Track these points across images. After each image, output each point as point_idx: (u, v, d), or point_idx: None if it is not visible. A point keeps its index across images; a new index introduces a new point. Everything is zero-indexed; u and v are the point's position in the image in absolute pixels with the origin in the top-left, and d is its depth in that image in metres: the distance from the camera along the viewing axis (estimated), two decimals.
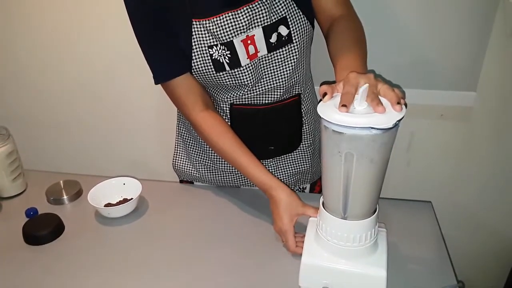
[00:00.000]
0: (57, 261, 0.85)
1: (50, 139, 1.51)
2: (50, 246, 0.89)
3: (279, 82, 0.87)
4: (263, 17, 0.78)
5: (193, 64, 0.81)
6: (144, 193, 1.01)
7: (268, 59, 0.83)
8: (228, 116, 0.92)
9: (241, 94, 0.87)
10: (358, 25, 0.81)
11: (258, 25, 0.79)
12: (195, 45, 0.79)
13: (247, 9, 0.77)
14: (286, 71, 0.85)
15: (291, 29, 0.81)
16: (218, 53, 0.80)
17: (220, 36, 0.78)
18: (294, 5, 0.80)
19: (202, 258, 0.84)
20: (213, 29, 0.77)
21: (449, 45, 1.07)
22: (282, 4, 0.79)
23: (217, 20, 0.77)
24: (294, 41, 0.82)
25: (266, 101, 0.89)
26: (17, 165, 1.08)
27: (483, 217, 1.29)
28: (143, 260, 0.84)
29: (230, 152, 0.85)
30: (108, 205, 0.99)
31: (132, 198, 0.97)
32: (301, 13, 0.81)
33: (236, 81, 0.84)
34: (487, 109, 1.14)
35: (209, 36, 0.78)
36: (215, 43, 0.79)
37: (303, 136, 0.98)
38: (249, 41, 0.80)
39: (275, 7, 0.79)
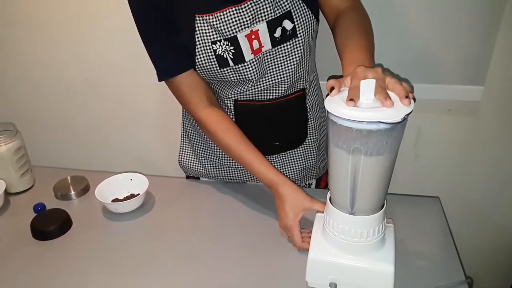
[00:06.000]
0: (65, 256, 0.86)
1: (57, 135, 1.52)
2: (58, 241, 0.90)
3: (284, 77, 0.86)
4: (267, 11, 0.78)
5: (196, 60, 0.81)
6: (151, 189, 1.01)
7: (273, 54, 0.83)
8: (233, 112, 0.92)
9: (245, 90, 0.87)
10: (365, 17, 0.80)
11: (262, 20, 0.78)
12: (198, 41, 0.79)
13: (251, 3, 0.76)
14: (291, 65, 0.85)
15: (296, 23, 0.80)
16: (222, 48, 0.79)
17: (223, 31, 0.78)
18: None
19: (208, 254, 0.84)
20: (216, 24, 0.77)
21: (457, 38, 1.06)
22: None
23: (220, 16, 0.76)
24: (298, 35, 0.81)
25: (271, 97, 0.89)
26: (25, 161, 1.08)
27: (491, 213, 1.28)
28: (150, 255, 0.84)
29: (235, 149, 0.85)
30: (115, 200, 0.99)
31: (139, 194, 0.98)
32: (305, 6, 0.80)
33: (240, 77, 0.83)
34: (495, 104, 1.13)
35: (212, 31, 0.78)
36: (219, 38, 0.78)
37: (308, 131, 0.98)
38: (253, 36, 0.79)
39: (279, 1, 0.78)
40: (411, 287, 0.72)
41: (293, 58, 0.84)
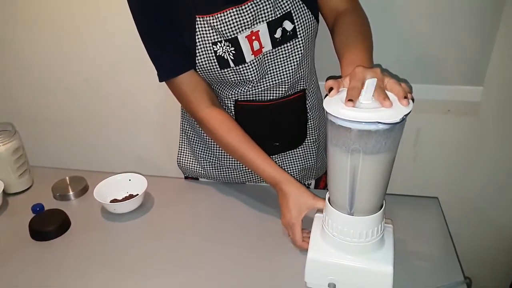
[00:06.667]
0: (63, 257, 0.85)
1: (56, 135, 1.52)
2: (56, 242, 0.90)
3: (284, 77, 0.86)
4: (267, 12, 0.78)
5: (197, 61, 0.81)
6: (150, 189, 1.01)
7: (273, 55, 0.83)
8: (233, 112, 0.91)
9: (245, 90, 0.87)
10: (364, 19, 0.80)
11: (262, 21, 0.78)
12: (199, 41, 0.79)
13: (251, 4, 0.76)
14: (291, 66, 0.85)
15: (296, 24, 0.80)
16: (223, 49, 0.79)
17: (224, 32, 0.78)
18: None
19: (207, 254, 0.84)
20: (217, 25, 0.77)
21: (456, 39, 1.06)
22: None
23: (221, 16, 0.76)
24: (299, 36, 0.81)
25: (271, 97, 0.89)
26: (23, 161, 1.08)
27: (491, 213, 1.28)
28: (149, 256, 0.84)
29: (238, 148, 0.85)
30: (114, 201, 0.99)
31: (137, 194, 0.97)
32: (305, 7, 0.80)
33: (241, 77, 0.83)
34: (494, 104, 1.13)
35: (213, 32, 0.78)
36: (219, 39, 0.78)
37: (308, 132, 0.98)
38: (253, 37, 0.79)
39: (279, 2, 0.78)
40: None
41: (293, 59, 0.84)
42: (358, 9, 0.83)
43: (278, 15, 0.79)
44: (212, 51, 0.79)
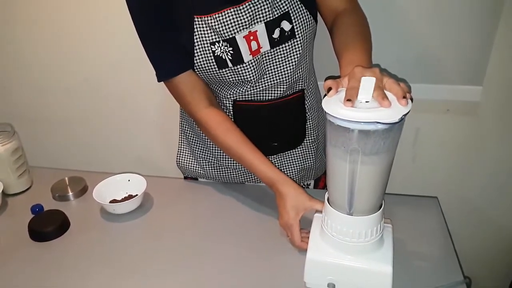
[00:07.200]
0: (63, 258, 0.86)
1: (55, 136, 1.52)
2: (56, 243, 0.90)
3: (282, 78, 0.86)
4: (265, 12, 0.78)
5: (195, 61, 0.81)
6: (149, 190, 1.01)
7: (271, 55, 0.83)
8: (231, 112, 0.91)
9: (244, 91, 0.87)
10: (363, 19, 0.80)
11: (260, 21, 0.78)
12: (197, 42, 0.79)
13: (249, 4, 0.76)
14: (289, 66, 0.85)
15: (294, 24, 0.80)
16: (221, 49, 0.79)
17: (222, 32, 0.78)
18: None
19: (207, 254, 0.84)
20: (215, 25, 0.77)
21: (455, 38, 1.06)
22: None
23: (219, 17, 0.76)
24: (297, 36, 0.81)
25: (269, 97, 0.89)
26: (23, 162, 1.08)
27: (490, 213, 1.28)
28: (148, 256, 0.84)
29: (236, 149, 0.85)
30: (113, 201, 0.99)
31: (137, 195, 0.97)
32: (303, 7, 0.80)
33: (239, 78, 0.83)
34: (494, 104, 1.13)
35: (211, 32, 0.78)
36: (218, 39, 0.78)
37: (306, 132, 0.98)
38: (251, 37, 0.79)
39: (277, 2, 0.78)
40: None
41: (291, 59, 0.84)
42: (357, 9, 0.83)
43: (276, 15, 0.79)
44: (210, 51, 0.79)
